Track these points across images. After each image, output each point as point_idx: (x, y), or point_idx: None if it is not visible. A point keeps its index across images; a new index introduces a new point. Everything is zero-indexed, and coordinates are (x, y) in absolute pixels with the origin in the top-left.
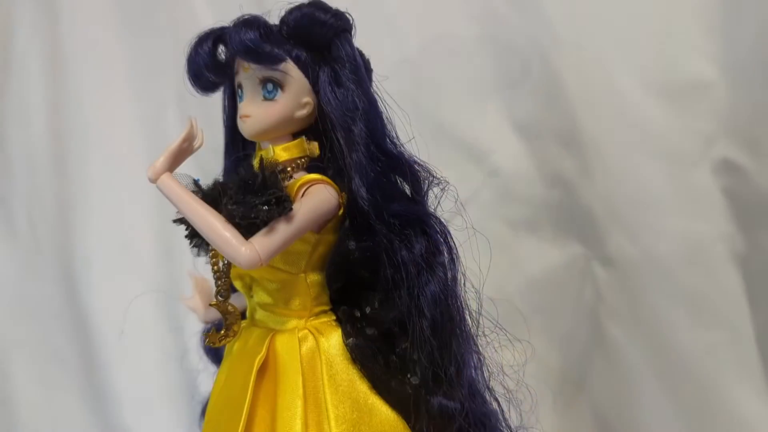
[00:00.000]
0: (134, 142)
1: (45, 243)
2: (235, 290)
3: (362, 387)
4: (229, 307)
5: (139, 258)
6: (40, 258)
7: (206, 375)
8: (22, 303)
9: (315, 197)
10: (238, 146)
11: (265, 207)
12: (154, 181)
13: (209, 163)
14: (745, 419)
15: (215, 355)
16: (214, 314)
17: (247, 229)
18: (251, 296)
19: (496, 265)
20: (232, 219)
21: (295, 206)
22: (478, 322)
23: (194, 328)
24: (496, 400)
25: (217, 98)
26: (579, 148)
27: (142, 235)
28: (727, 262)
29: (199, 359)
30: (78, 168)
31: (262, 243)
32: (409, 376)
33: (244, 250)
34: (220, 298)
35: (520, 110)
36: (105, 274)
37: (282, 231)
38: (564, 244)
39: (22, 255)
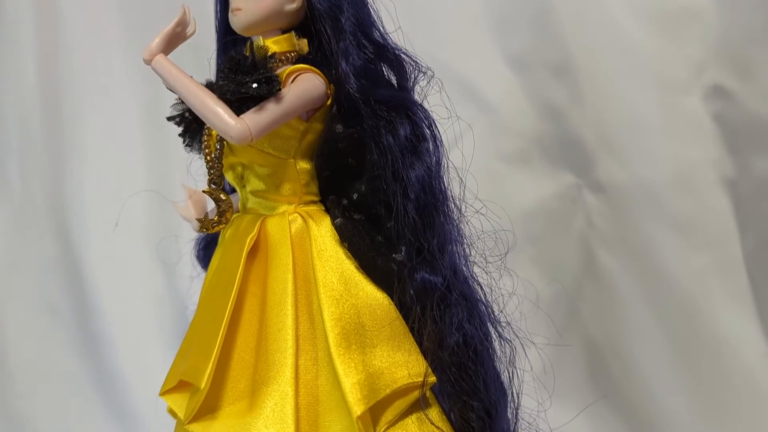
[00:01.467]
0: (126, 93)
1: (38, 196)
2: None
3: (349, 264)
4: (222, 195)
5: (132, 209)
6: (33, 211)
7: (199, 281)
8: (16, 256)
9: (304, 83)
10: (229, 49)
11: (255, 84)
12: (149, 61)
13: None
14: (733, 342)
15: (208, 262)
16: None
17: (238, 106)
18: (243, 186)
19: (489, 198)
20: (223, 95)
21: (284, 90)
22: (461, 209)
23: (188, 236)
24: (479, 284)
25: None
26: (570, 77)
27: (135, 185)
28: (716, 187)
29: (192, 267)
30: (70, 121)
31: (252, 118)
32: (393, 253)
33: (234, 123)
34: (213, 186)
35: (511, 42)
36: (98, 226)
37: (271, 110)
38: (556, 175)
39: (16, 208)
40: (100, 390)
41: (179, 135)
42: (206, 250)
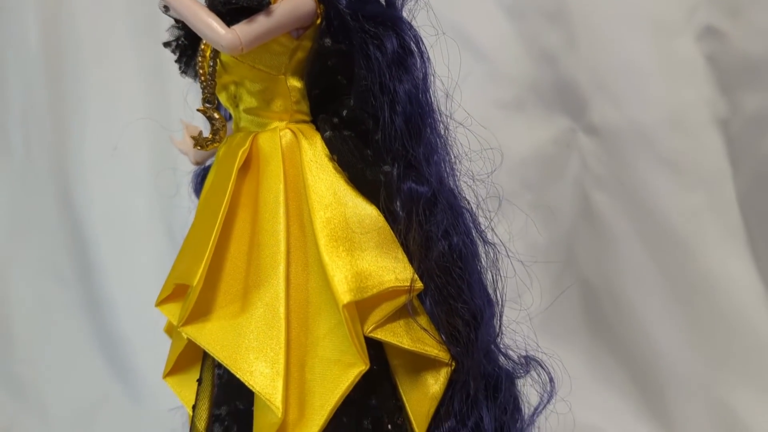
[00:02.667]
0: (127, 56)
1: (40, 161)
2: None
3: (339, 177)
4: (215, 114)
5: (132, 169)
6: (35, 176)
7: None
8: (19, 221)
9: (294, 0)
10: None
11: None
12: None
13: None
14: (726, 279)
15: None
16: (203, 155)
17: (230, 19)
18: (236, 106)
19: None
20: (215, 8)
21: (274, 5)
22: (447, 126)
23: (186, 168)
24: (466, 199)
25: None
26: (565, 22)
27: (136, 147)
28: (709, 127)
29: (189, 199)
30: (72, 86)
31: (242, 29)
32: (382, 164)
33: (225, 33)
34: (208, 105)
35: None
36: (99, 188)
37: (261, 22)
38: (551, 119)
39: (19, 174)
40: (102, 352)
41: (175, 61)
42: (203, 183)
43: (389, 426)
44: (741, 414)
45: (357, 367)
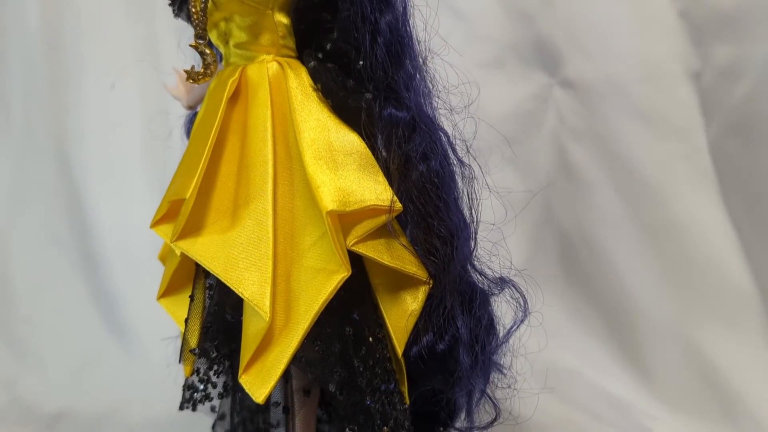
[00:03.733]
0: (124, 31)
1: (40, 131)
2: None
3: (323, 106)
4: (207, 49)
5: (130, 139)
6: (35, 145)
7: None
8: (19, 188)
9: None
10: None
11: None
12: None
13: None
14: (698, 225)
15: None
16: (194, 99)
17: None
18: (227, 42)
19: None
20: None
21: None
22: (426, 57)
23: (179, 112)
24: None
25: None
26: None
27: (132, 116)
28: (681, 79)
29: (181, 141)
30: (71, 59)
31: None
32: (364, 91)
33: None
34: (200, 41)
35: None
36: (98, 156)
37: None
38: (529, 76)
39: (19, 143)
40: (99, 311)
41: (169, 4)
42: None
43: (370, 339)
44: (710, 353)
45: (340, 274)
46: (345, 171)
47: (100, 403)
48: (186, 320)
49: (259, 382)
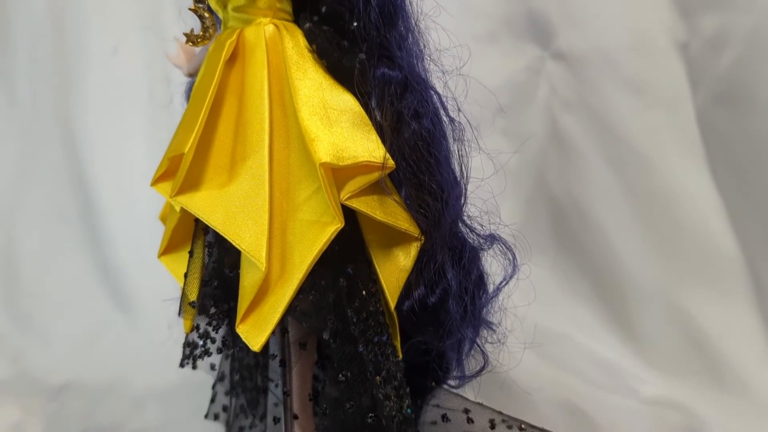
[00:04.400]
0: (127, 7)
1: (45, 108)
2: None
3: (318, 66)
4: (206, 13)
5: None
6: (41, 122)
7: None
8: (26, 166)
9: None
10: None
11: None
12: None
13: None
14: (685, 192)
15: None
16: (195, 67)
17: None
18: (225, 7)
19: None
20: None
21: None
22: (418, 18)
23: (180, 80)
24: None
25: None
26: None
27: (135, 85)
28: (669, 50)
29: (182, 108)
30: (75, 39)
31: None
32: (357, 51)
33: None
34: (199, 4)
35: None
36: (102, 132)
37: None
38: (522, 50)
39: (26, 122)
40: (103, 285)
41: None
42: None
43: (363, 292)
44: (696, 316)
45: (333, 225)
46: (339, 128)
47: (104, 374)
48: (185, 275)
49: (256, 332)
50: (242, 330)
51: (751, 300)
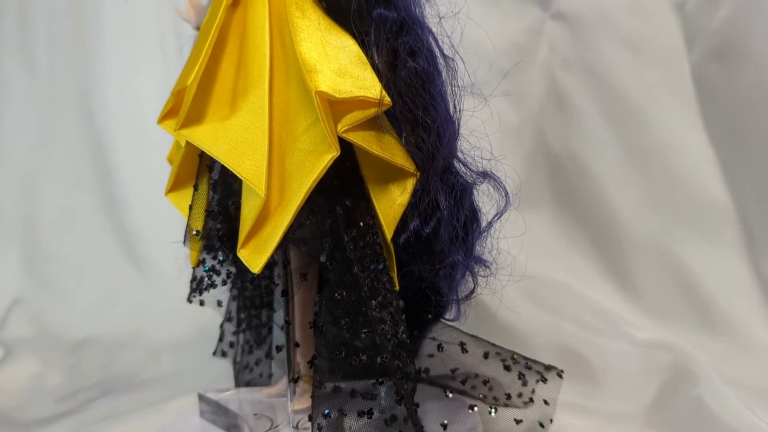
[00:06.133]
0: None
1: (64, 77)
2: None
3: (317, 9)
4: None
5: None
6: (59, 91)
7: None
8: (45, 132)
9: None
10: None
11: None
12: None
13: None
14: (681, 147)
15: None
16: (203, 20)
17: None
18: None
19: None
20: None
21: None
22: None
23: (188, 32)
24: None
25: None
26: None
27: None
28: (665, 8)
29: None
30: (92, 11)
31: None
32: None
33: None
34: None
35: None
36: (118, 101)
37: None
38: (523, 11)
39: (44, 89)
40: (120, 247)
41: None
42: None
43: (361, 224)
44: (690, 266)
45: (329, 153)
46: (337, 63)
47: (121, 330)
48: (190, 207)
49: (256, 255)
50: (243, 254)
51: (741, 248)
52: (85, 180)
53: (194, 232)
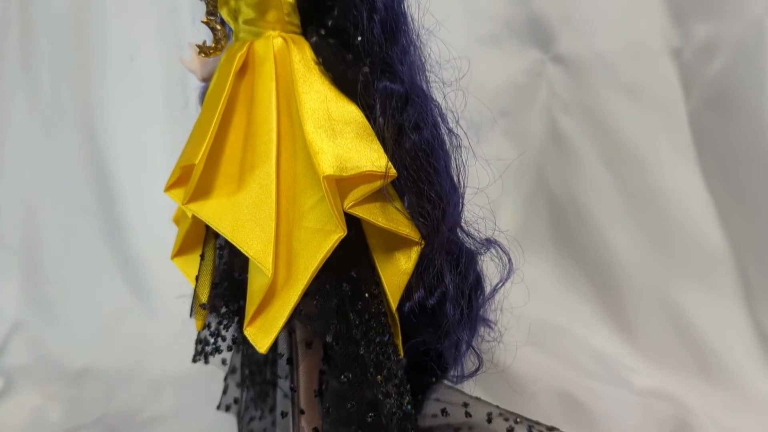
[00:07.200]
0: (146, 9)
1: (66, 100)
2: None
3: (324, 78)
4: (218, 25)
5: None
6: (62, 114)
7: None
8: (49, 158)
9: None
10: None
11: None
12: None
13: None
14: (678, 192)
15: None
16: (208, 72)
17: None
18: (236, 19)
19: (467, 78)
20: None
21: None
22: (419, 34)
23: (193, 84)
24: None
25: None
26: None
27: (152, 88)
28: (663, 55)
29: (196, 110)
30: (96, 35)
31: None
32: (361, 65)
33: None
34: (211, 17)
35: None
36: (119, 125)
37: None
38: (523, 52)
39: (48, 115)
40: (122, 273)
41: None
42: None
43: (366, 295)
44: (688, 311)
45: (336, 234)
46: (343, 139)
47: (123, 360)
48: (196, 277)
49: (263, 334)
50: (250, 332)
51: (739, 295)
52: (87, 204)
53: (201, 305)
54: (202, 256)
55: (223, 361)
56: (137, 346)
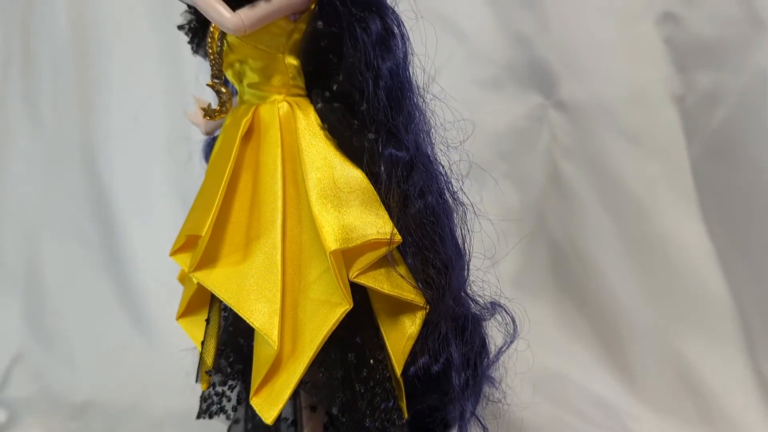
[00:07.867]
0: (145, 37)
1: (68, 131)
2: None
3: (329, 144)
4: (222, 88)
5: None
6: (63, 145)
7: None
8: (49, 187)
9: None
10: None
11: None
12: None
13: None
14: (680, 240)
15: None
16: (212, 127)
17: (235, 4)
18: (241, 81)
19: (467, 121)
20: None
21: None
22: (425, 99)
23: (197, 138)
24: (440, 164)
25: None
26: (538, 7)
27: (154, 119)
28: (665, 102)
29: (201, 165)
30: (97, 63)
31: (246, 13)
32: (366, 132)
33: (230, 16)
34: (216, 80)
35: None
36: (121, 158)
37: (262, 7)
38: (524, 97)
39: (48, 144)
40: (123, 305)
41: (188, 42)
42: (212, 150)
43: (371, 361)
44: (690, 358)
45: (342, 306)
46: (348, 208)
47: (125, 394)
48: (202, 342)
49: (269, 405)
50: (256, 403)
51: (741, 343)
52: (89, 236)
53: (207, 372)
54: (208, 321)
55: (227, 416)
56: (137, 381)
